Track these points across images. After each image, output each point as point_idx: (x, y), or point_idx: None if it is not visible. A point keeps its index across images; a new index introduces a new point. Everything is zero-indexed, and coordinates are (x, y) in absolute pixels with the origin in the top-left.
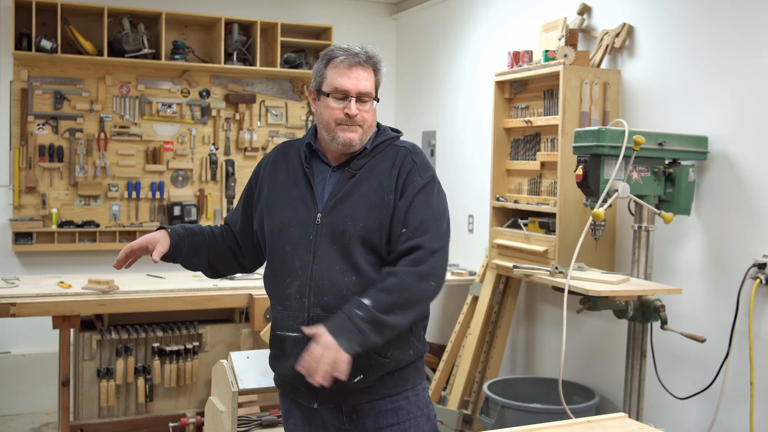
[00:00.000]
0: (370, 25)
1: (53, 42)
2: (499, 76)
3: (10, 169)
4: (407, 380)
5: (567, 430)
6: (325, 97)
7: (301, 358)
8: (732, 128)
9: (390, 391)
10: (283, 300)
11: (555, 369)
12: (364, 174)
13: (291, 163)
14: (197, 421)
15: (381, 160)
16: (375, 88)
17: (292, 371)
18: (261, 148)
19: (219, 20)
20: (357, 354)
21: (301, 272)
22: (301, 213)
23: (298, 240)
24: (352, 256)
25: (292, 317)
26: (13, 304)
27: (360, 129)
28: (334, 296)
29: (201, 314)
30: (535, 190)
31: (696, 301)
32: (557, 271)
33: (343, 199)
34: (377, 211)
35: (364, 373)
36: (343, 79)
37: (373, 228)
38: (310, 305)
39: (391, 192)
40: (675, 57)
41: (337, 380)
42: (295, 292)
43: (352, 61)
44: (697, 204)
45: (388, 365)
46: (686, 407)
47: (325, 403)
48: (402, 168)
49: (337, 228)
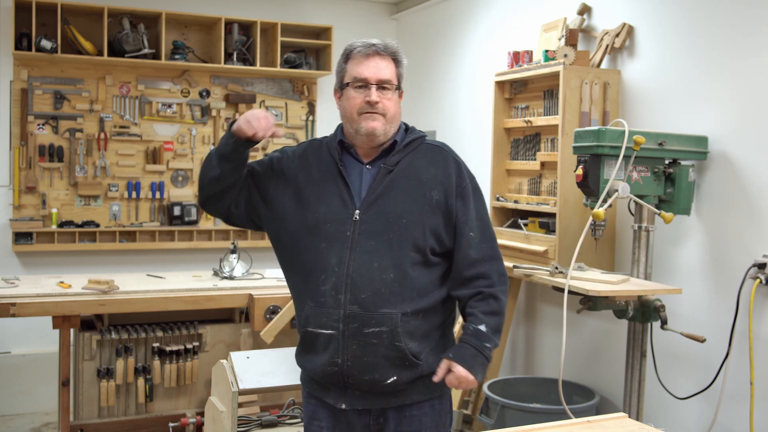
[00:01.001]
0: (370, 25)
1: (53, 42)
2: (499, 76)
3: (10, 169)
4: (436, 387)
5: (567, 430)
6: (347, 89)
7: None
8: (732, 128)
9: (419, 397)
10: (316, 297)
11: (555, 369)
12: (401, 170)
13: (323, 160)
14: (197, 421)
15: (417, 156)
16: (398, 79)
17: (322, 368)
18: (261, 148)
19: (219, 20)
20: (483, 375)
21: (337, 269)
22: (338, 209)
23: (334, 236)
24: (393, 253)
25: (326, 314)
26: (13, 304)
27: (382, 118)
28: (371, 294)
29: (201, 314)
30: (535, 190)
31: (696, 301)
32: (557, 271)
33: (381, 196)
34: (419, 207)
35: (398, 374)
36: (362, 67)
37: (416, 224)
38: (347, 302)
39: (435, 189)
40: (675, 57)
41: (369, 380)
42: (331, 289)
43: (370, 51)
44: (697, 204)
45: (421, 368)
46: (686, 407)
47: (353, 404)
48: (447, 167)
49: (376, 225)
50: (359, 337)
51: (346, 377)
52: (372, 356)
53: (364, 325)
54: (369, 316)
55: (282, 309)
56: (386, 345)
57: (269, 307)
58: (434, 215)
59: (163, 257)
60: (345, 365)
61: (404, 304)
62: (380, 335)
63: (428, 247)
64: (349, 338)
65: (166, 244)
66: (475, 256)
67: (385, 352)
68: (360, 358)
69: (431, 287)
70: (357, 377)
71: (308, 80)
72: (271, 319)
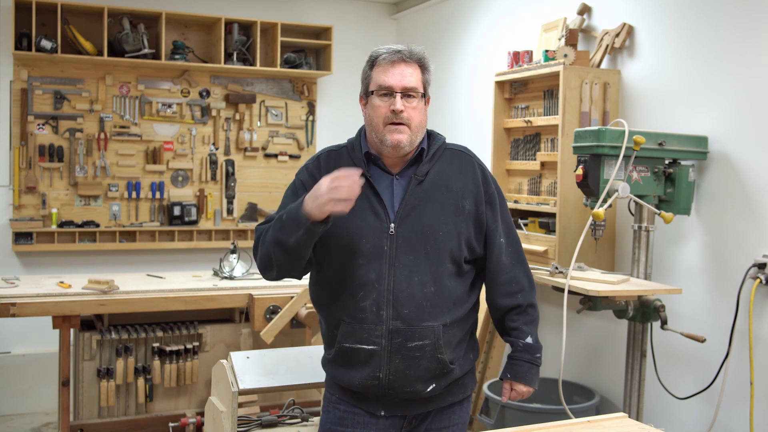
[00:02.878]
0: (370, 25)
1: (53, 42)
2: (499, 76)
3: (10, 169)
4: (467, 387)
5: (567, 430)
6: (372, 97)
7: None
8: (732, 128)
9: (453, 398)
10: (354, 313)
11: (555, 369)
12: (432, 180)
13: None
14: (197, 421)
15: (445, 164)
16: (423, 86)
17: (362, 381)
18: (261, 148)
19: (219, 20)
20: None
21: (377, 284)
22: (373, 224)
23: (372, 252)
24: (432, 266)
25: (366, 330)
26: (13, 304)
27: (408, 129)
28: (413, 308)
29: (201, 314)
30: (535, 190)
31: (696, 301)
32: (557, 271)
33: (416, 208)
34: (453, 217)
35: (436, 383)
36: (387, 75)
37: (452, 235)
38: (389, 318)
39: (466, 198)
40: (675, 57)
41: (410, 391)
42: (371, 305)
43: (395, 57)
44: (697, 204)
45: (455, 373)
46: (686, 407)
47: (393, 411)
48: (474, 174)
49: (414, 238)
50: (403, 351)
51: (387, 389)
52: (414, 369)
53: (407, 339)
54: (412, 330)
55: (282, 309)
56: (428, 357)
57: (269, 307)
58: (467, 225)
59: (163, 257)
60: (387, 379)
61: (444, 316)
62: (423, 348)
63: (463, 257)
64: (392, 353)
65: (166, 244)
66: (507, 262)
67: (428, 364)
68: (403, 371)
69: (465, 296)
70: (398, 389)
71: (308, 80)
72: (271, 319)
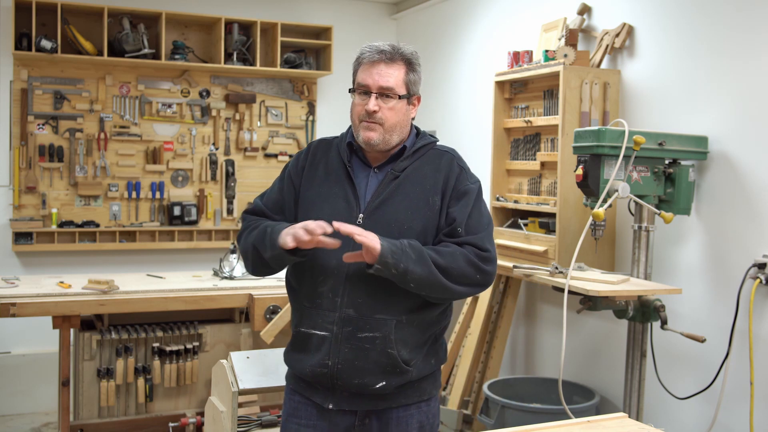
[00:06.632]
0: (370, 25)
1: (53, 42)
2: (499, 76)
3: (10, 169)
4: (424, 391)
5: (567, 430)
6: (354, 94)
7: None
8: (732, 128)
9: (407, 400)
10: (312, 297)
11: (555, 369)
12: (407, 176)
13: (331, 160)
14: (197, 421)
15: (424, 163)
16: (405, 86)
17: (312, 369)
18: (261, 148)
19: (219, 20)
20: (386, 262)
21: (336, 270)
22: (342, 211)
23: (335, 237)
24: None
25: (320, 315)
26: (13, 304)
27: (380, 128)
28: (367, 298)
29: (201, 314)
30: (535, 190)
31: (696, 301)
32: (557, 271)
33: (386, 201)
34: (422, 213)
35: (387, 380)
36: (366, 74)
37: (418, 231)
38: (342, 305)
39: (436, 194)
40: (675, 57)
41: (358, 384)
42: (328, 291)
43: (375, 57)
44: (697, 204)
45: (411, 375)
46: (686, 407)
47: (340, 405)
48: (450, 172)
49: (378, 230)
50: (352, 340)
51: (335, 379)
52: (363, 361)
53: (358, 329)
54: (364, 320)
55: (282, 309)
56: (378, 351)
57: (269, 307)
58: (435, 221)
59: (163, 257)
60: (335, 368)
61: (400, 312)
62: (373, 340)
63: None
64: (342, 341)
65: (166, 244)
66: (457, 241)
67: (377, 357)
68: (351, 361)
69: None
70: (346, 380)
71: (308, 80)
72: (271, 319)
